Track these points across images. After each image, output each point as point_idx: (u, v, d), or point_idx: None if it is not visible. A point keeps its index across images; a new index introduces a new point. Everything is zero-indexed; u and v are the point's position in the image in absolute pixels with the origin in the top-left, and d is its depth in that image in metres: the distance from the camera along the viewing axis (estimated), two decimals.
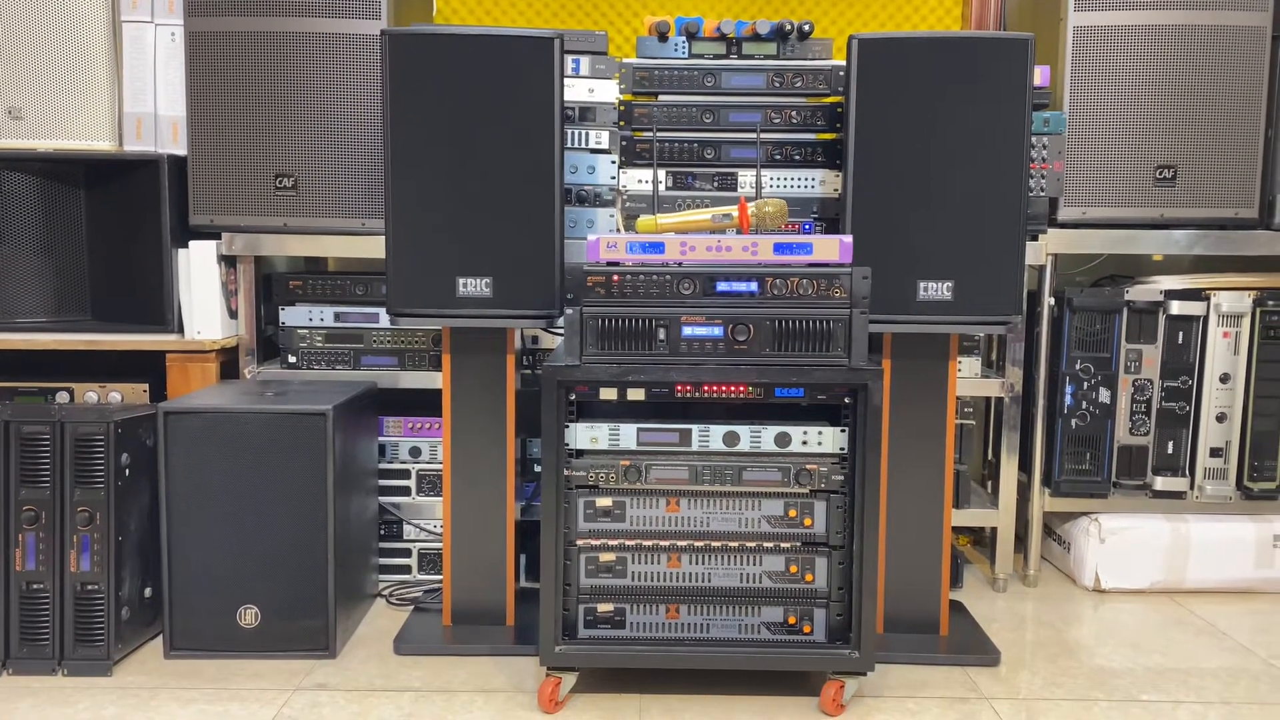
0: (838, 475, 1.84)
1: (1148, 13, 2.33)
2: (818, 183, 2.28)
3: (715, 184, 2.29)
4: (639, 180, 2.27)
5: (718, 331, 1.80)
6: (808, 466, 1.83)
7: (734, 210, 1.92)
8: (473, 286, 1.94)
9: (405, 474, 2.40)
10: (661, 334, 1.80)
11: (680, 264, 1.83)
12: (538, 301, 1.95)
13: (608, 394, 1.84)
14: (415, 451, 2.40)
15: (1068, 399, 2.49)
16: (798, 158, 2.27)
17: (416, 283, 1.95)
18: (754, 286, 1.81)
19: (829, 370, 1.80)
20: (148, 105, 2.39)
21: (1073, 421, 2.50)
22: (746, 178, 2.27)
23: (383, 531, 2.40)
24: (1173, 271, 2.64)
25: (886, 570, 2.10)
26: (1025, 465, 2.55)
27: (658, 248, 1.82)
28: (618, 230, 2.26)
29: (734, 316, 1.80)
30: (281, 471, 1.98)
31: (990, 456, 2.79)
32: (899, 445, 2.08)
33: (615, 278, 1.81)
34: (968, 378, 2.43)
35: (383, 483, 2.39)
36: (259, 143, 2.30)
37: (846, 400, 1.83)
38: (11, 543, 1.91)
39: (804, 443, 1.85)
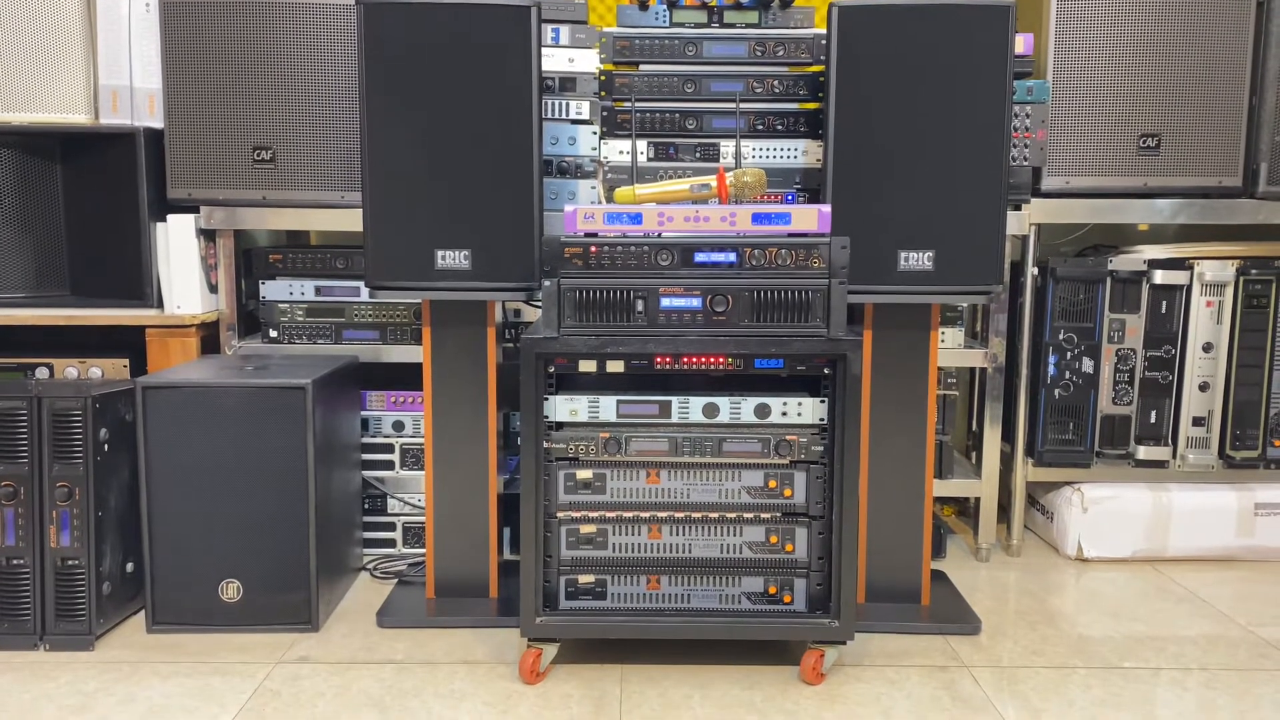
0: (817, 446, 1.84)
1: None
2: (800, 153, 2.27)
3: (698, 155, 2.28)
4: (620, 151, 2.26)
5: (696, 303, 1.80)
6: (787, 437, 1.83)
7: (713, 180, 1.90)
8: (451, 259, 1.94)
9: (389, 448, 2.40)
10: (640, 306, 1.80)
11: (659, 235, 1.82)
12: (517, 274, 1.94)
13: (586, 366, 1.83)
14: (398, 425, 2.40)
15: (1051, 369, 2.49)
16: (780, 128, 2.26)
17: (395, 255, 1.94)
18: (732, 257, 1.80)
19: (808, 341, 1.79)
20: (123, 78, 2.36)
21: (1056, 391, 2.50)
22: (729, 148, 2.26)
23: (367, 505, 2.40)
24: (1157, 241, 2.64)
25: (868, 540, 2.10)
26: (1008, 435, 2.55)
27: (636, 218, 1.81)
28: (599, 201, 2.25)
29: (713, 287, 1.80)
30: (262, 446, 1.98)
31: (974, 427, 2.79)
32: (880, 416, 2.08)
33: (593, 249, 1.80)
34: (950, 348, 2.42)
35: (366, 457, 2.39)
36: (236, 115, 2.28)
37: (826, 371, 1.83)
38: None
39: (783, 414, 1.85)
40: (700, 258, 1.81)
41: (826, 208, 1.82)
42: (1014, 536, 2.57)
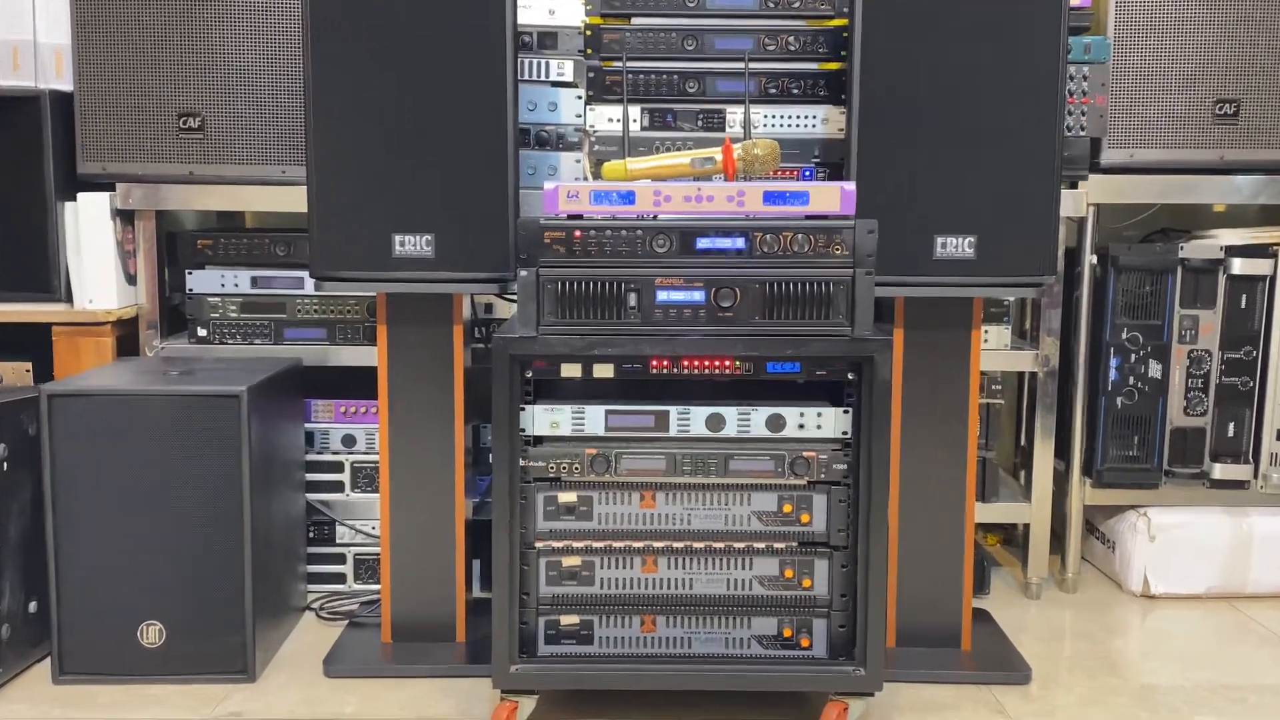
0: (840, 464, 1.85)
1: None
2: (820, 121, 2.28)
3: (700, 123, 2.30)
4: (609, 119, 2.27)
5: (698, 296, 1.82)
6: (805, 454, 1.85)
7: (717, 153, 1.92)
8: (411, 245, 1.94)
9: (337, 466, 2.41)
10: (633, 299, 1.81)
11: (654, 217, 1.83)
12: (489, 262, 1.95)
13: (570, 370, 1.84)
14: (349, 440, 2.42)
15: (1112, 374, 2.51)
16: (796, 91, 2.28)
17: (345, 241, 1.94)
18: (740, 243, 1.81)
19: (828, 341, 1.81)
20: (25, 31, 2.35)
21: (1118, 400, 2.52)
22: (737, 115, 2.27)
23: (312, 534, 2.41)
24: (1236, 224, 2.65)
25: (899, 574, 2.11)
26: (1062, 451, 2.57)
27: (627, 198, 1.82)
28: (585, 178, 2.26)
29: (717, 278, 1.81)
30: (189, 464, 1.99)
31: (1022, 441, 2.81)
32: (913, 428, 2.10)
33: (577, 233, 1.81)
34: (995, 349, 2.45)
35: (311, 477, 2.41)
36: (159, 76, 2.29)
37: (850, 376, 1.84)
38: None
39: (800, 426, 1.87)
40: (703, 244, 1.82)
41: (850, 185, 1.82)
42: (1069, 569, 2.59)
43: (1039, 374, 2.48)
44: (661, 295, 1.82)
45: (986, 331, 2.42)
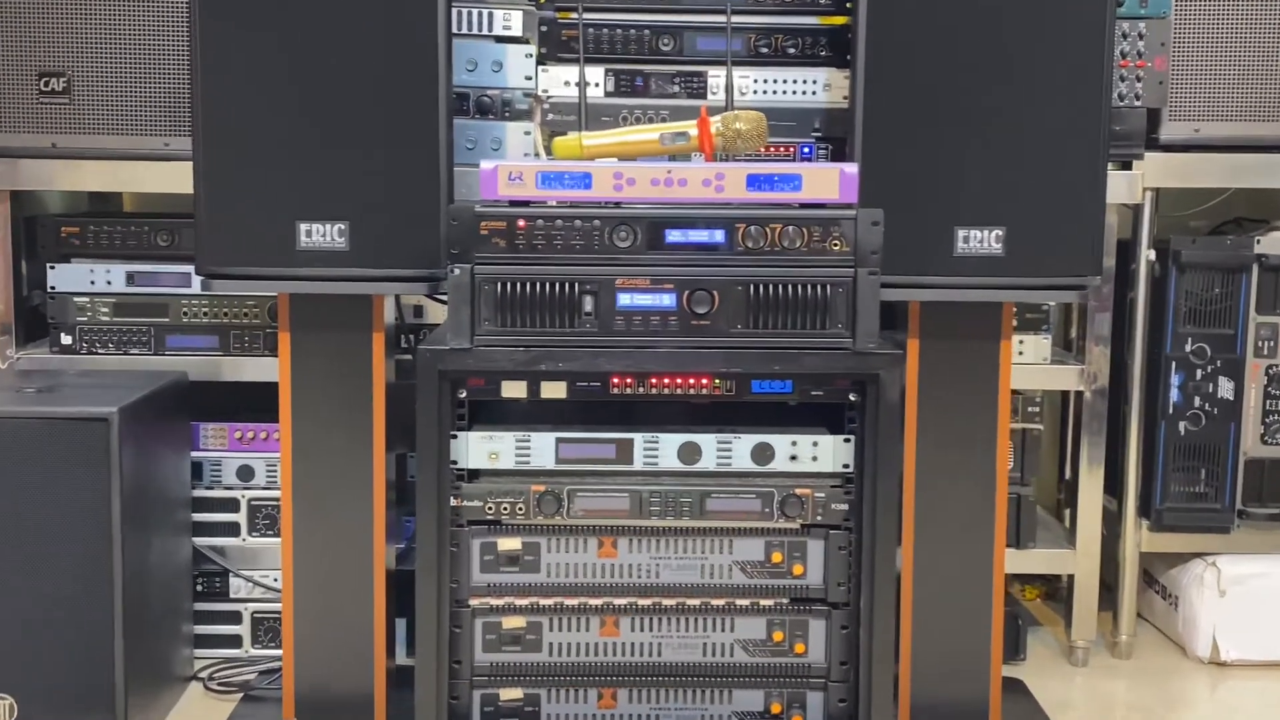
0: (840, 503, 1.87)
1: None
2: (820, 87, 2.29)
3: (676, 88, 2.30)
4: (566, 82, 2.27)
5: (668, 300, 1.82)
6: (798, 491, 1.87)
7: (692, 127, 1.91)
8: (320, 235, 1.94)
9: (232, 504, 2.41)
10: (588, 304, 1.82)
11: (616, 204, 1.84)
12: (416, 256, 1.94)
13: (512, 389, 1.86)
14: (246, 472, 2.41)
15: (1174, 393, 2.51)
16: (792, 51, 2.28)
17: (240, 229, 1.93)
18: (719, 236, 1.82)
19: (825, 355, 1.82)
20: None
21: (1181, 425, 2.52)
22: (719, 79, 2.28)
23: (201, 587, 2.40)
24: None
25: (912, 637, 2.11)
26: (1114, 487, 2.57)
27: (582, 180, 1.82)
28: (537, 154, 2.24)
29: (691, 279, 1.82)
30: (47, 502, 1.97)
31: (1066, 475, 2.81)
32: (930, 460, 2.09)
33: (520, 223, 1.81)
34: (1030, 364, 2.45)
35: (199, 517, 2.40)
36: (14, 29, 2.28)
37: (852, 398, 1.86)
38: None
39: (792, 458, 1.89)
40: (674, 237, 1.83)
41: (851, 167, 1.82)
42: (1123, 630, 2.58)
43: (1085, 393, 2.48)
44: (623, 299, 1.82)
45: (1021, 342, 2.43)
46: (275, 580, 2.40)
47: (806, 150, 2.29)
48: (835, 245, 1.82)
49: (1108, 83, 1.93)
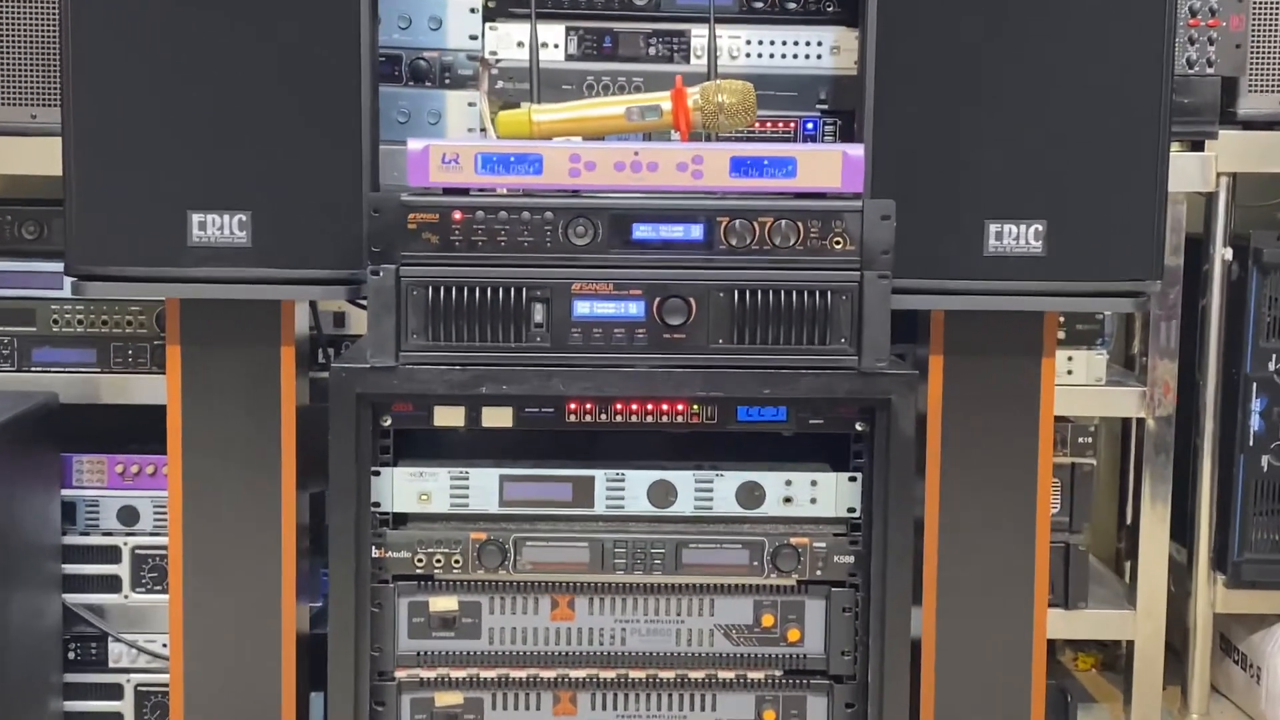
0: (844, 555, 1.85)
1: None
2: (826, 50, 2.26)
3: (650, 51, 2.29)
4: (520, 43, 2.24)
5: (636, 309, 1.80)
6: (793, 540, 1.85)
7: (665, 100, 1.88)
8: (217, 228, 1.89)
9: (112, 554, 2.38)
10: (539, 313, 1.80)
11: (573, 192, 1.82)
12: (331, 255, 1.90)
13: (447, 416, 1.84)
14: (129, 515, 2.38)
15: (1255, 420, 2.50)
16: (792, 6, 2.26)
17: (118, 220, 1.89)
18: (698, 232, 1.79)
19: (826, 376, 1.79)
20: None
21: (1264, 459, 2.51)
22: (701, 40, 2.27)
23: (74, 654, 2.36)
24: None
25: (936, 716, 2.06)
26: (1184, 534, 2.55)
27: (532, 163, 1.79)
28: (483, 129, 2.23)
29: (664, 283, 1.79)
30: None
31: (1127, 519, 2.79)
32: (956, 502, 2.05)
33: (457, 215, 1.78)
34: (1081, 385, 2.43)
35: (72, 569, 2.37)
36: None
37: (859, 427, 1.84)
38: None
39: (787, 500, 1.87)
40: (643, 233, 1.80)
41: (857, 149, 1.79)
42: (1194, 707, 2.56)
43: (1148, 421, 2.47)
44: (581, 307, 1.80)
45: (1069, 359, 2.42)
46: (164, 646, 2.31)
47: (810, 126, 2.28)
48: (838, 243, 1.80)
49: (1170, 45, 1.89)
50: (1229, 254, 2.47)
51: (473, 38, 2.28)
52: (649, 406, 1.83)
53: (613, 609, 1.86)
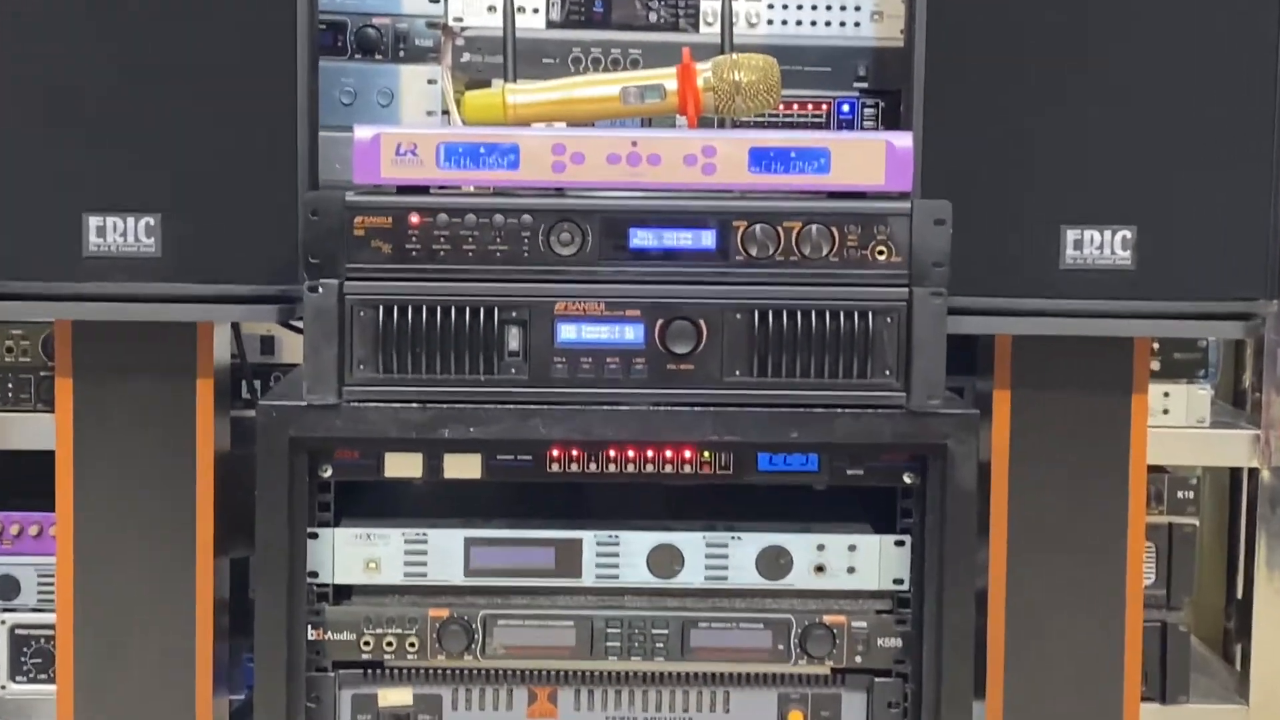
0: (890, 637, 1.83)
1: None
2: (867, 15, 2.27)
3: (654, 16, 2.29)
4: (491, 7, 2.27)
5: (634, 334, 1.76)
6: (827, 619, 1.82)
7: (669, 78, 1.85)
8: (119, 234, 1.85)
9: None
10: (514, 339, 1.76)
11: (557, 190, 1.80)
12: (262, 265, 1.87)
13: (401, 466, 1.81)
14: (7, 586, 2.37)
15: None
16: None
17: None
18: (710, 239, 1.75)
19: (867, 417, 1.76)
20: None
21: None
22: (713, 4, 2.27)
23: None
24: None
25: None
26: None
27: (506, 155, 1.75)
28: (446, 112, 2.23)
29: (668, 302, 1.76)
30: None
31: (1237, 593, 2.74)
32: (1026, 571, 2.02)
33: (414, 219, 1.74)
34: (1181, 428, 2.41)
35: None
36: None
37: (907, 479, 1.82)
38: None
39: (819, 568, 1.84)
40: (642, 240, 1.76)
41: (905, 138, 1.76)
42: None
43: (1262, 471, 2.45)
44: (567, 331, 1.76)
45: (1166, 395, 2.40)
46: None
47: (846, 109, 2.27)
48: (881, 253, 1.75)
49: None
50: None
51: (433, 1, 2.29)
52: (649, 453, 1.80)
53: (604, 704, 1.83)
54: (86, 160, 1.86)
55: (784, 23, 2.26)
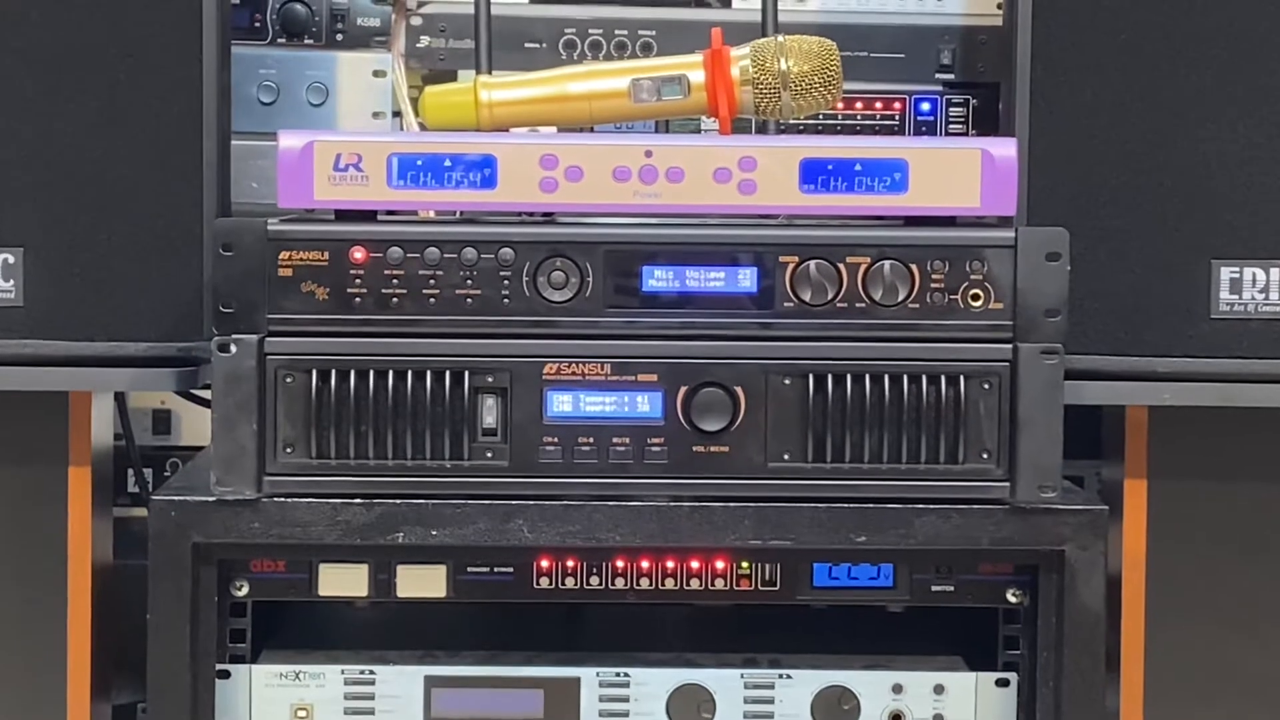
0: None
1: None
2: None
3: None
4: None
5: (649, 405, 1.61)
6: None
7: (696, 68, 1.72)
8: None
9: None
10: (490, 412, 1.60)
11: (547, 215, 1.69)
12: (154, 316, 1.73)
13: (341, 581, 1.66)
14: None
15: None
16: None
17: None
18: (750, 280, 1.61)
19: (957, 515, 1.60)
20: None
21: None
22: None
23: None
24: None
25: None
26: None
27: (479, 169, 1.61)
28: (398, 114, 2.12)
29: (695, 363, 1.60)
30: None
31: None
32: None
33: (358, 254, 1.60)
34: None
35: None
36: None
37: (1012, 598, 1.68)
38: None
39: (895, 716, 1.69)
40: (660, 281, 1.62)
41: (1007, 146, 1.62)
42: None
43: None
44: (560, 403, 1.61)
45: None
46: None
47: (927, 108, 2.19)
48: (976, 298, 1.59)
49: None
50: None
51: None
52: (669, 564, 1.65)
53: None
54: None
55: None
